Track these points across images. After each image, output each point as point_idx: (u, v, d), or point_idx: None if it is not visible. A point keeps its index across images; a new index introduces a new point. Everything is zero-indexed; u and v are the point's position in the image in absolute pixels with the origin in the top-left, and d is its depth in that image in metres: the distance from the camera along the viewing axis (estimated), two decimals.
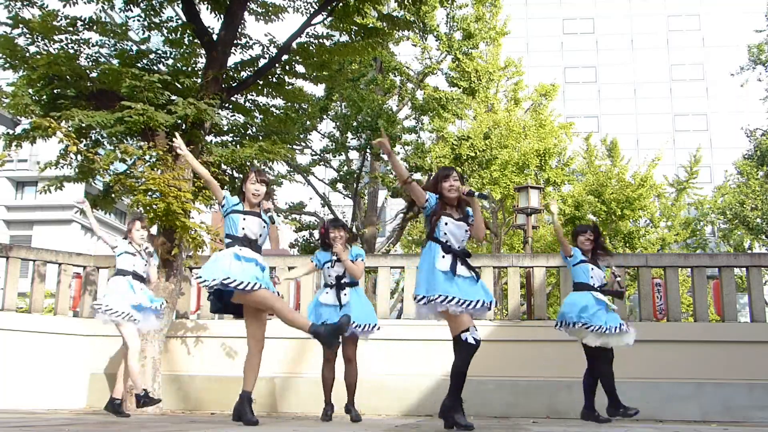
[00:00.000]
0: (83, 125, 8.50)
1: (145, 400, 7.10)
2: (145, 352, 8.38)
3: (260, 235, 5.20)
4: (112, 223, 41.85)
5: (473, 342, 4.61)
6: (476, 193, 4.78)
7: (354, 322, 6.15)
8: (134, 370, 7.07)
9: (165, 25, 9.92)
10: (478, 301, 4.65)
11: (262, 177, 5.24)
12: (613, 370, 6.50)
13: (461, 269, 4.71)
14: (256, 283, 4.98)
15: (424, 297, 4.66)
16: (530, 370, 9.15)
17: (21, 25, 8.86)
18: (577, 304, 6.46)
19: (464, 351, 4.62)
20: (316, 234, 19.10)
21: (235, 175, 10.12)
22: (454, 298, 4.59)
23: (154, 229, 8.34)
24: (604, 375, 6.40)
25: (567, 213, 23.39)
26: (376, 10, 10.41)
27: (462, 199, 4.85)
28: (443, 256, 4.72)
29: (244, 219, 5.15)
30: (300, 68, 10.15)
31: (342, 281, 6.35)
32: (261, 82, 9.95)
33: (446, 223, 4.79)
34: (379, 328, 6.39)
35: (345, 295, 6.29)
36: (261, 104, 10.37)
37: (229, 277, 4.93)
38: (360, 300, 6.39)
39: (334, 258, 6.34)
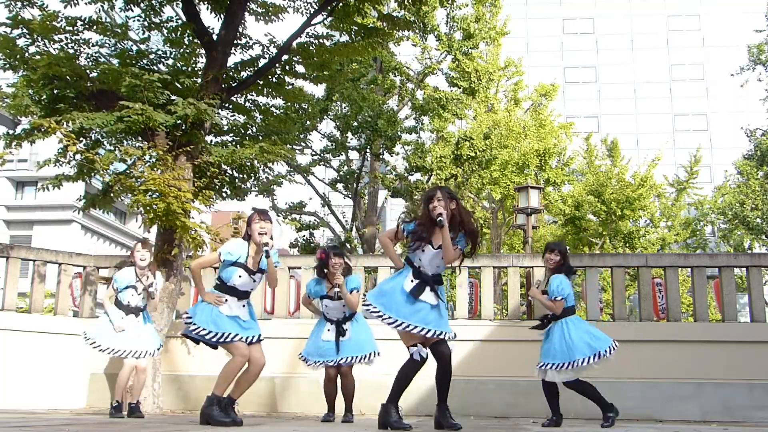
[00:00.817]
0: (84, 127, 8.50)
1: (112, 411, 7.01)
2: None
3: (251, 288, 5.30)
4: (112, 223, 41.88)
5: (418, 359, 4.77)
6: (438, 221, 4.72)
7: (354, 356, 6.38)
8: (121, 381, 7.09)
9: (165, 25, 9.92)
10: (429, 330, 4.71)
11: (266, 216, 5.27)
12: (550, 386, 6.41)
13: (427, 296, 4.78)
14: (230, 334, 5.10)
15: (371, 306, 4.80)
16: (530, 370, 9.06)
17: (21, 26, 8.85)
18: None
19: (409, 365, 4.81)
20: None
21: (235, 175, 10.13)
22: (403, 323, 4.71)
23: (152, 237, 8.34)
24: (577, 386, 6.36)
25: (567, 213, 23.41)
26: (376, 10, 10.41)
27: (452, 221, 4.80)
28: (411, 281, 4.81)
29: (240, 276, 5.20)
30: (300, 68, 10.15)
31: (342, 319, 6.44)
32: (261, 82, 9.94)
33: (423, 250, 4.83)
34: (378, 354, 6.49)
35: (346, 332, 6.41)
36: (261, 104, 10.36)
37: (206, 329, 5.13)
38: (359, 330, 6.49)
39: (336, 290, 6.33)
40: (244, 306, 5.26)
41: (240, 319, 5.19)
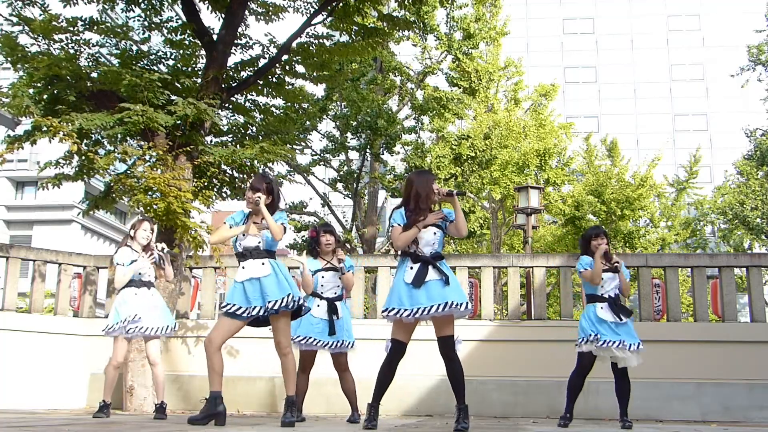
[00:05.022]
0: (83, 128, 8.49)
1: (101, 408, 6.59)
2: (144, 352, 8.36)
3: (259, 241, 5.17)
4: (112, 223, 41.87)
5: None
6: (455, 192, 4.80)
7: (345, 341, 6.23)
8: (107, 378, 6.70)
9: (165, 25, 9.93)
10: (440, 305, 4.61)
11: (257, 185, 5.20)
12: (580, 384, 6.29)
13: (431, 274, 4.72)
14: (242, 309, 5.03)
15: (385, 310, 4.79)
16: (530, 370, 9.15)
17: (22, 23, 8.85)
18: (583, 319, 6.28)
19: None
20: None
21: (235, 175, 10.12)
22: (405, 310, 4.66)
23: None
24: (570, 382, 6.28)
25: (567, 213, 23.40)
26: (376, 10, 10.41)
27: (439, 201, 4.87)
28: (411, 267, 4.76)
29: (243, 235, 5.18)
30: (300, 68, 10.15)
31: (334, 297, 6.29)
32: (261, 82, 9.95)
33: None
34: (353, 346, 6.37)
35: (339, 310, 6.27)
36: (261, 104, 10.37)
37: (228, 303, 5.07)
38: (348, 314, 6.40)
39: (335, 263, 6.26)
40: (264, 264, 5.09)
41: (250, 286, 5.04)
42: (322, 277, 6.31)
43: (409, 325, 4.83)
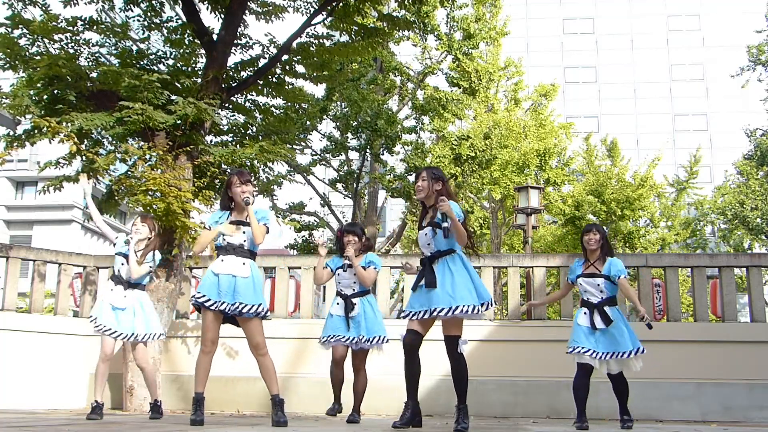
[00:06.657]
0: (83, 128, 8.49)
1: (94, 409, 6.39)
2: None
3: (245, 240, 5.17)
4: (112, 223, 41.86)
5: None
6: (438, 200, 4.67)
7: (363, 336, 6.19)
8: (97, 374, 6.55)
9: (165, 25, 9.93)
10: (426, 311, 4.74)
11: (245, 178, 5.19)
12: (586, 384, 6.09)
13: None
14: (211, 301, 5.07)
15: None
16: (530, 370, 9.15)
17: (21, 26, 8.85)
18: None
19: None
20: (316, 234, 19.16)
21: None
22: (410, 312, 4.90)
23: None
24: (576, 388, 6.08)
25: (567, 213, 23.41)
26: (376, 10, 10.41)
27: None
28: (417, 268, 4.98)
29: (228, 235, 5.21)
30: (300, 68, 10.16)
31: (352, 294, 6.31)
32: (261, 82, 9.95)
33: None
34: (387, 341, 6.30)
35: (355, 306, 6.26)
36: (261, 104, 10.37)
37: (199, 292, 5.14)
38: (371, 311, 6.31)
39: (346, 263, 6.28)
40: (244, 264, 5.11)
41: (225, 281, 5.04)
42: (339, 274, 6.38)
43: (421, 324, 4.90)
